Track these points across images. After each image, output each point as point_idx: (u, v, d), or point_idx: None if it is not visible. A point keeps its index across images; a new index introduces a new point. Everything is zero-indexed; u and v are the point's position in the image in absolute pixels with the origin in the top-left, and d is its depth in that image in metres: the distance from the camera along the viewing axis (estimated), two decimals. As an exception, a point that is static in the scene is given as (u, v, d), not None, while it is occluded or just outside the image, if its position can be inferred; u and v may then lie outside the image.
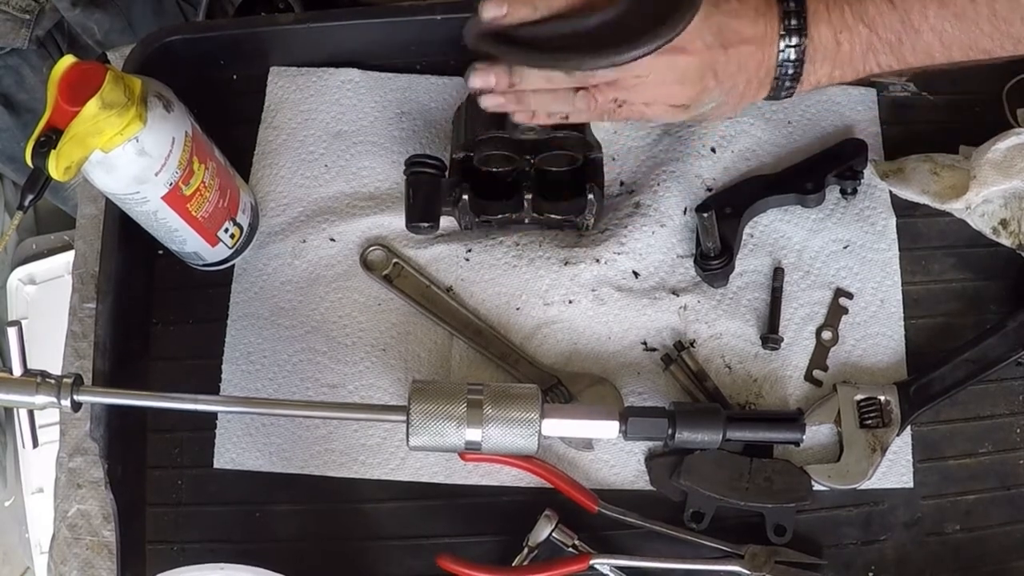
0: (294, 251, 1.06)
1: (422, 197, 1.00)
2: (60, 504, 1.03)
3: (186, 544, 0.99)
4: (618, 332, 1.02)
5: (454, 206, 1.00)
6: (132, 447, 1.00)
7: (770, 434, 0.94)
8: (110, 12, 1.53)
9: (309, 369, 1.02)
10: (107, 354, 0.98)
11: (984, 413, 0.98)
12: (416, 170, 1.00)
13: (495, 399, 0.87)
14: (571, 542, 0.94)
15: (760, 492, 0.94)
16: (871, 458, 0.94)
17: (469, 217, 1.01)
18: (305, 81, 1.12)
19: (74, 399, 0.86)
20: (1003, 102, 1.07)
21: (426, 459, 0.99)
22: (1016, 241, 0.99)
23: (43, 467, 1.68)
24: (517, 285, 1.03)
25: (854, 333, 1.01)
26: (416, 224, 1.00)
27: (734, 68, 0.84)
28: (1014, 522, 0.96)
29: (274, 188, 1.09)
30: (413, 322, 1.03)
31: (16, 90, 1.60)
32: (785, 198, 1.03)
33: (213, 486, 1.00)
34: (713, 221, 0.96)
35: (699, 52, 0.82)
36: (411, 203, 1.00)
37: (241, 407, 0.95)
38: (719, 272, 1.00)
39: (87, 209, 1.13)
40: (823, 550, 0.94)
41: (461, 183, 0.99)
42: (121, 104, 0.82)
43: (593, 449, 0.98)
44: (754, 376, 1.00)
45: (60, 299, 1.17)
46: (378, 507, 0.99)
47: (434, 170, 1.00)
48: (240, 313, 1.05)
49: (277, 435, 1.01)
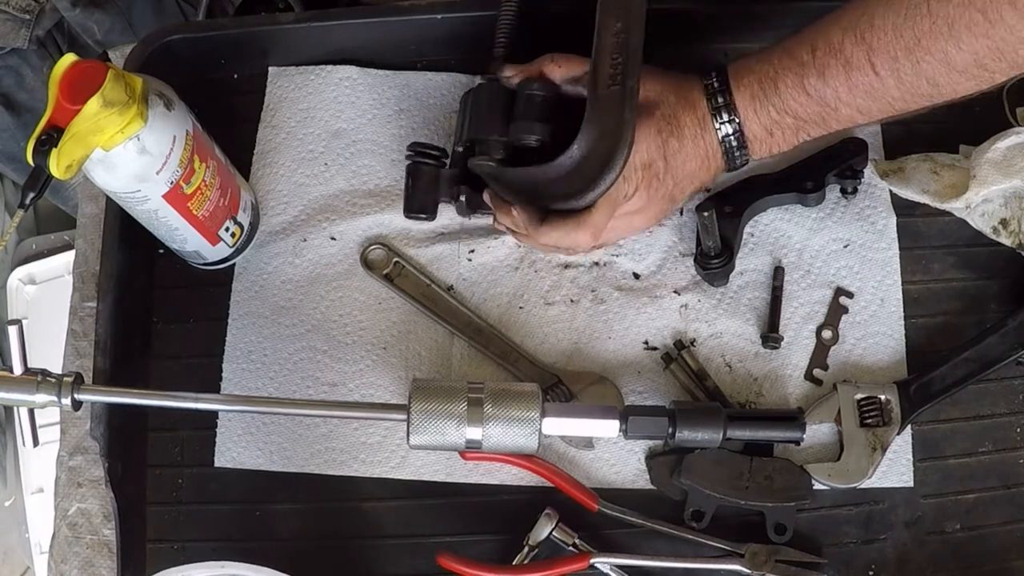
0: (295, 250, 1.06)
1: (422, 187, 1.00)
2: (60, 503, 1.03)
3: (186, 543, 0.99)
4: (619, 331, 1.02)
5: (454, 200, 1.00)
6: (133, 446, 1.00)
7: (770, 433, 0.94)
8: (110, 12, 1.53)
9: (310, 368, 1.02)
10: (108, 353, 0.98)
11: (984, 412, 0.98)
12: (417, 159, 1.00)
13: (495, 398, 0.87)
14: (571, 541, 0.94)
15: (760, 491, 0.94)
16: (871, 457, 0.94)
17: (467, 212, 1.01)
18: (303, 80, 1.12)
19: (75, 398, 0.86)
20: (1003, 102, 1.07)
21: (426, 458, 0.99)
22: (1016, 240, 0.99)
23: (43, 467, 1.68)
24: (519, 286, 1.04)
25: (854, 332, 1.01)
26: (413, 215, 1.00)
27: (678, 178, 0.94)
28: (1014, 521, 0.96)
29: (274, 187, 1.09)
30: (414, 321, 1.03)
31: (16, 90, 1.60)
32: (785, 197, 1.03)
33: (214, 485, 1.00)
34: (713, 220, 0.96)
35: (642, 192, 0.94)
36: (410, 193, 1.00)
37: (242, 406, 0.95)
38: (719, 271, 1.00)
39: (88, 208, 1.13)
40: (823, 549, 0.94)
41: (461, 177, 0.99)
42: (122, 102, 0.82)
43: (593, 448, 0.98)
44: (754, 375, 1.00)
45: (60, 299, 1.17)
46: (379, 506, 0.99)
47: (435, 160, 1.00)
48: (241, 312, 1.05)
49: (278, 434, 1.01)
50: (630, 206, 0.94)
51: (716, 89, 0.91)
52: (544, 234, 0.92)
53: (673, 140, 0.92)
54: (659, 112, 0.92)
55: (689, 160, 0.93)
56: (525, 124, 0.94)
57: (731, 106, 0.90)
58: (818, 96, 0.87)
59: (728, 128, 0.91)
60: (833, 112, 0.88)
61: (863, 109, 0.87)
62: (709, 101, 0.91)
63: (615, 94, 0.87)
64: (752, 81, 0.90)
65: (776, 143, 0.92)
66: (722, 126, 0.91)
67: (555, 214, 0.92)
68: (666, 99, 0.92)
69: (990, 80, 0.82)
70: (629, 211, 0.94)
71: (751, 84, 0.90)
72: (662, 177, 0.93)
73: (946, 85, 0.83)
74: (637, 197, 0.93)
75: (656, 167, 0.92)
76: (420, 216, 1.00)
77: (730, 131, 0.91)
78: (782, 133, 0.91)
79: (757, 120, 0.91)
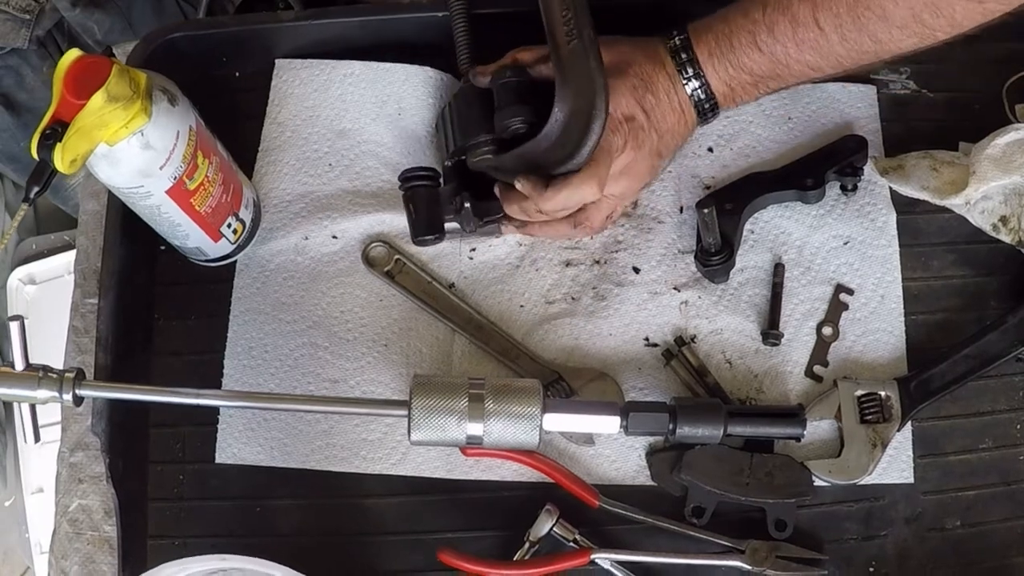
0: (297, 247, 1.06)
1: (424, 210, 1.00)
2: (61, 499, 1.03)
3: (188, 539, 0.99)
4: (619, 327, 1.02)
5: (456, 213, 1.00)
6: (134, 442, 1.00)
7: (771, 429, 0.94)
8: (110, 12, 1.53)
9: (311, 364, 1.02)
10: (109, 349, 0.98)
11: (984, 409, 0.98)
12: (412, 184, 1.00)
13: (496, 394, 0.88)
14: (572, 537, 0.94)
15: (761, 487, 0.94)
16: (872, 453, 0.94)
17: (474, 222, 1.01)
18: (308, 75, 1.12)
19: (76, 393, 0.86)
20: (1003, 99, 1.07)
21: (427, 454, 0.99)
22: (1016, 238, 1.00)
23: (43, 467, 1.68)
24: (520, 284, 1.04)
25: (854, 329, 1.01)
26: (422, 238, 1.00)
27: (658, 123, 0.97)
28: (1014, 518, 0.96)
29: (277, 184, 1.09)
30: (414, 318, 1.03)
31: (16, 90, 1.60)
32: (785, 194, 1.03)
33: (215, 481, 1.00)
34: (713, 217, 0.96)
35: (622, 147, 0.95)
36: (414, 218, 1.00)
37: (243, 402, 0.95)
38: (719, 268, 1.00)
39: (89, 205, 1.13)
40: (824, 545, 0.95)
41: (460, 190, 0.99)
42: (127, 97, 0.82)
43: (594, 444, 0.98)
44: (755, 372, 1.00)
45: (60, 299, 1.17)
46: (379, 502, 0.99)
47: (429, 181, 1.00)
48: (242, 308, 1.05)
49: (279, 430, 1.01)
50: (621, 161, 0.95)
51: (678, 46, 0.95)
52: (551, 198, 0.93)
53: (649, 95, 0.95)
54: (631, 71, 0.95)
55: (667, 115, 0.96)
56: (507, 111, 0.95)
57: (694, 61, 0.94)
58: (769, 52, 0.91)
59: (695, 83, 0.95)
60: (785, 68, 0.92)
61: (812, 65, 0.91)
62: (673, 58, 0.95)
63: (576, 49, 0.89)
64: (710, 39, 0.94)
65: (738, 96, 0.96)
66: (688, 82, 0.95)
67: (557, 177, 0.93)
68: (635, 59, 0.96)
69: (932, 36, 0.86)
70: (622, 167, 0.96)
71: (709, 42, 0.94)
72: (647, 130, 0.95)
73: (887, 41, 0.87)
74: (627, 152, 0.95)
75: (638, 120, 0.95)
76: (429, 238, 1.00)
77: (696, 85, 0.95)
78: (742, 88, 0.95)
79: (717, 76, 0.94)
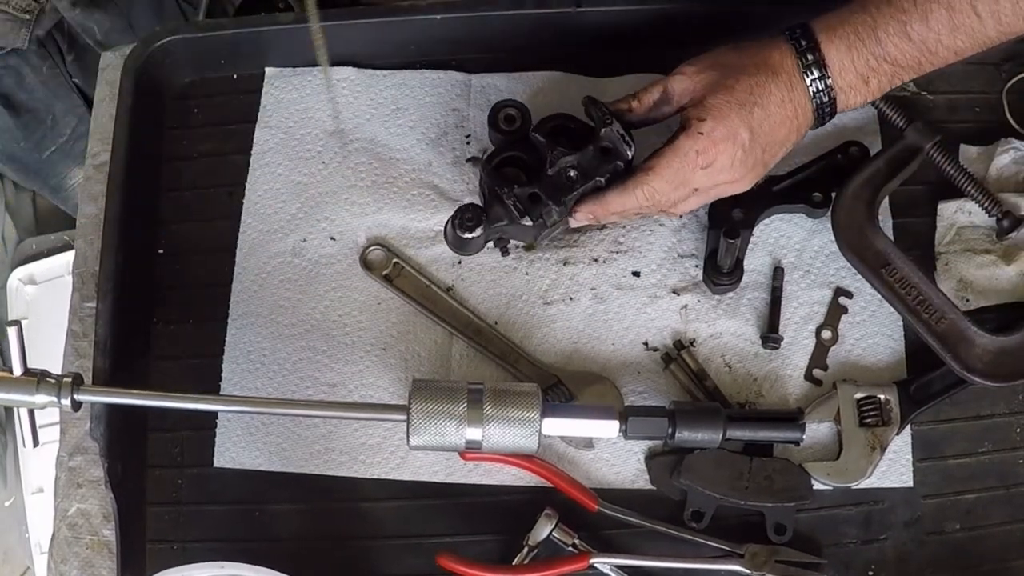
0: (294, 250, 1.06)
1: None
2: (60, 503, 1.03)
3: (186, 543, 0.99)
4: (618, 331, 1.02)
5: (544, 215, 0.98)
6: (132, 446, 1.00)
7: (770, 433, 0.94)
8: (110, 12, 1.53)
9: (309, 368, 1.02)
10: (107, 353, 0.98)
11: (984, 412, 0.98)
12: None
13: (495, 398, 0.87)
14: (571, 541, 0.94)
15: (760, 491, 0.94)
16: (871, 456, 0.94)
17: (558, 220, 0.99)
18: (300, 81, 1.12)
19: (74, 398, 0.86)
20: (1003, 102, 1.07)
21: (426, 458, 0.99)
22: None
23: (43, 467, 1.68)
24: (517, 285, 1.04)
25: (854, 332, 1.01)
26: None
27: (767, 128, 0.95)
28: (1014, 521, 0.96)
29: (273, 186, 1.09)
30: (413, 321, 1.03)
31: (16, 90, 1.60)
32: (794, 208, 1.03)
33: (213, 485, 1.00)
34: (737, 245, 0.97)
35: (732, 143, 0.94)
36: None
37: (241, 406, 0.95)
38: (729, 287, 1.00)
39: (88, 208, 1.13)
40: (823, 549, 0.94)
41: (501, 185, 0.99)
42: None
43: (593, 448, 0.98)
44: (754, 375, 1.00)
45: (60, 299, 1.17)
46: (378, 506, 0.99)
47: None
48: (240, 312, 1.05)
49: (277, 434, 1.01)
50: (722, 177, 0.95)
51: (805, 47, 0.92)
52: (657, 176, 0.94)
53: (758, 110, 0.93)
54: (739, 86, 0.93)
55: (777, 127, 0.94)
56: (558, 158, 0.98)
57: (820, 62, 0.92)
58: (920, 41, 0.90)
59: (820, 84, 0.93)
60: (931, 56, 0.91)
61: (959, 51, 0.91)
62: (799, 59, 0.92)
63: None
64: (848, 32, 0.91)
65: (871, 91, 0.94)
66: (813, 83, 0.93)
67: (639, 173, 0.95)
68: (743, 71, 0.93)
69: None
70: (724, 181, 0.95)
71: (847, 35, 0.91)
72: (748, 147, 0.93)
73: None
74: (731, 169, 0.94)
75: (740, 139, 0.92)
76: None
77: (821, 87, 0.93)
78: (878, 80, 0.93)
79: (853, 69, 0.92)
